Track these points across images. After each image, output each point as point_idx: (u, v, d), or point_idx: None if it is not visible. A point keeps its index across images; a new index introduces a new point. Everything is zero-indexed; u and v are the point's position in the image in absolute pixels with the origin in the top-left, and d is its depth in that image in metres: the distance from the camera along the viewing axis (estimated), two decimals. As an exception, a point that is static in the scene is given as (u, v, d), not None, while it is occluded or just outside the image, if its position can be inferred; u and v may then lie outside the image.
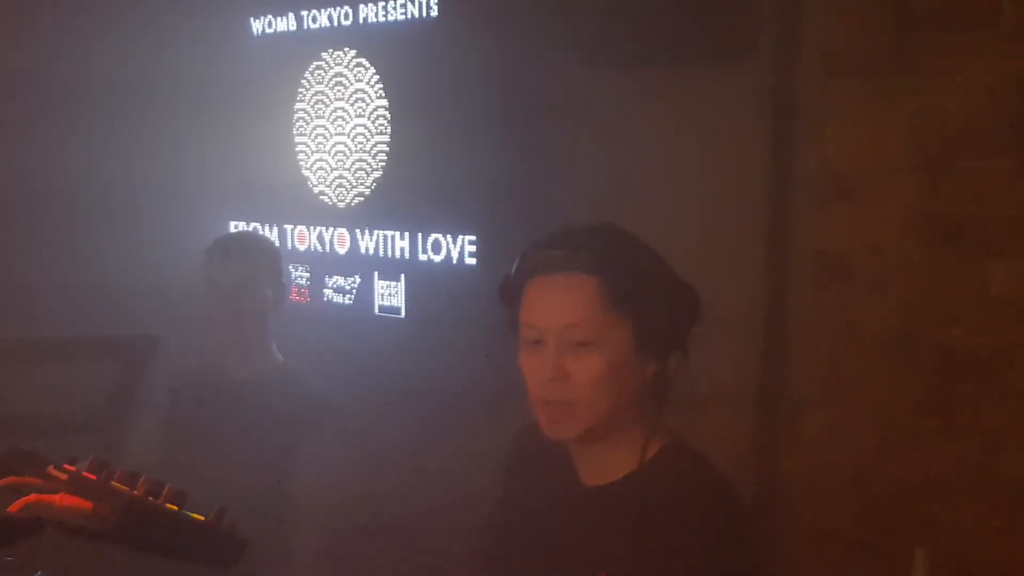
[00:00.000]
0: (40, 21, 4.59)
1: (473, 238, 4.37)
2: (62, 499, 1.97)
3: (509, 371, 2.40)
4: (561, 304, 2.32)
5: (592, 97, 4.15)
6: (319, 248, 4.98)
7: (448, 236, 4.46)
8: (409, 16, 4.56)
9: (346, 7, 4.82)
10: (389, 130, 4.67)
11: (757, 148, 3.78)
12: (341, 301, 4.89)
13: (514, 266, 2.42)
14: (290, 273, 4.94)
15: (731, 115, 3.83)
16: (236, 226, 5.15)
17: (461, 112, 4.34)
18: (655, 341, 2.31)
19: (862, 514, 3.48)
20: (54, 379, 3.81)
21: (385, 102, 4.69)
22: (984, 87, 3.37)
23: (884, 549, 3.40)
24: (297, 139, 5.06)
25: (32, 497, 1.95)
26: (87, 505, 1.96)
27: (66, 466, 2.07)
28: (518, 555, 2.50)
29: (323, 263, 4.97)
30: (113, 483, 2.00)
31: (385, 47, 4.69)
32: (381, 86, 4.71)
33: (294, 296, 4.95)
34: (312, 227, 5.01)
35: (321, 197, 4.97)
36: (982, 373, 3.38)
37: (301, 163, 5.05)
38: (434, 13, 4.46)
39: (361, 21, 4.77)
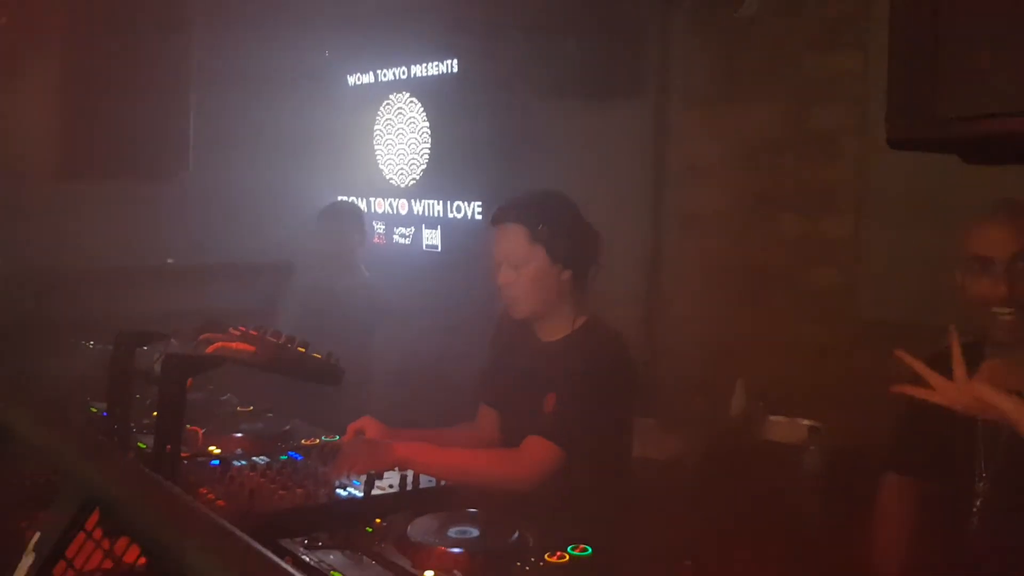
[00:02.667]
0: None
1: (480, 204, 4.39)
2: (237, 345, 2.03)
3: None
4: (504, 243, 2.39)
5: (548, 121, 4.17)
6: (390, 211, 5.00)
7: (466, 202, 4.48)
8: (441, 72, 4.57)
9: (403, 67, 4.83)
10: (430, 140, 4.69)
11: (646, 150, 3.82)
12: (404, 242, 4.91)
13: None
14: (373, 226, 4.98)
15: (630, 129, 3.87)
16: (341, 197, 5.18)
17: (473, 128, 4.35)
18: (562, 259, 2.37)
19: (705, 361, 3.54)
20: (234, 287, 3.85)
21: (427, 124, 4.70)
22: (780, 109, 3.41)
23: (718, 382, 3.45)
24: (376, 147, 5.07)
25: (219, 343, 2.01)
26: (252, 348, 2.02)
27: (241, 328, 2.13)
28: (503, 383, 2.56)
29: (393, 219, 4.98)
30: (267, 336, 2.06)
31: (427, 90, 4.70)
32: (425, 114, 4.72)
33: (376, 240, 4.99)
34: (385, 198, 5.03)
35: (391, 180, 4.98)
36: (777, 279, 3.44)
37: (379, 161, 5.06)
38: (455, 70, 4.48)
39: (413, 76, 4.78)
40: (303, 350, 2.03)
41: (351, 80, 5.22)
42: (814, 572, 2.56)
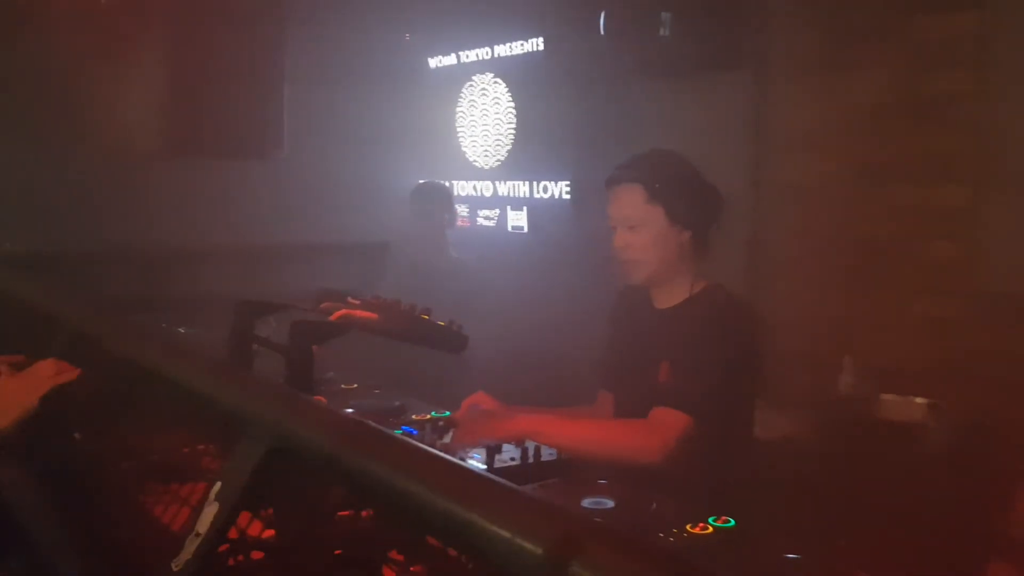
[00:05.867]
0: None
1: (568, 183, 4.33)
2: (361, 313, 1.99)
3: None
4: (619, 204, 2.33)
5: (639, 97, 4.09)
6: (474, 193, 4.95)
7: (553, 181, 4.42)
8: (526, 51, 4.51)
9: (487, 47, 4.77)
10: (515, 121, 4.63)
11: (747, 122, 3.72)
12: (489, 224, 4.87)
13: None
14: (457, 209, 4.93)
15: (735, 100, 3.76)
16: (427, 179, 5.16)
17: (558, 107, 4.29)
18: (682, 218, 2.29)
19: (813, 338, 3.39)
20: (330, 267, 3.85)
21: (512, 104, 4.64)
22: (881, 81, 3.29)
23: (828, 360, 3.32)
24: (458, 128, 5.02)
25: (344, 311, 1.98)
26: (375, 316, 1.98)
27: (359, 298, 2.09)
28: (618, 359, 2.49)
29: (477, 202, 4.93)
30: (389, 303, 2.02)
31: (512, 70, 4.64)
32: (510, 94, 4.66)
33: (461, 222, 4.93)
34: (469, 180, 4.98)
35: (475, 162, 4.94)
36: (885, 251, 3.31)
37: (461, 142, 5.01)
38: (541, 47, 4.42)
39: (496, 56, 4.72)
40: (427, 316, 1.98)
41: (432, 63, 5.18)
42: (943, 552, 2.45)
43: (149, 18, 3.29)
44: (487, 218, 4.87)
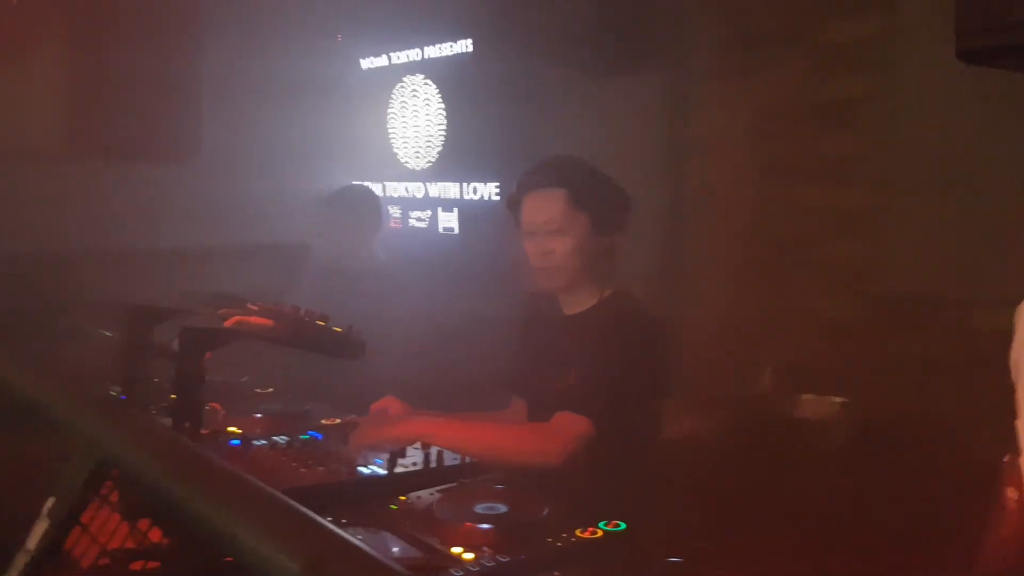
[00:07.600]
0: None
1: (497, 184, 4.32)
2: (256, 319, 1.97)
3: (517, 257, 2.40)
4: (541, 208, 2.30)
5: (564, 99, 4.09)
6: (405, 194, 4.92)
7: (482, 183, 4.41)
8: (455, 52, 4.49)
9: (417, 49, 4.75)
10: (445, 122, 4.61)
11: (663, 124, 3.73)
12: (420, 225, 4.84)
13: (515, 186, 2.41)
14: (388, 210, 4.90)
15: (648, 103, 3.78)
16: (355, 182, 5.11)
17: (488, 108, 4.27)
18: (605, 225, 2.30)
19: (727, 338, 3.40)
20: (249, 270, 3.80)
21: (443, 105, 4.62)
22: (789, 84, 3.31)
23: (741, 359, 3.35)
24: (390, 129, 4.99)
25: (238, 317, 1.96)
26: (270, 322, 1.97)
27: (259, 303, 2.07)
28: (527, 366, 2.50)
29: (408, 203, 4.90)
30: (286, 310, 2.00)
31: (442, 71, 4.62)
32: (440, 95, 4.64)
33: (392, 224, 4.91)
34: (401, 182, 4.95)
35: (406, 164, 4.90)
36: (788, 249, 3.32)
37: (393, 143, 4.97)
38: (470, 49, 4.40)
39: (427, 57, 4.70)
40: (323, 323, 1.97)
41: (364, 64, 5.14)
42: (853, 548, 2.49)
43: (65, 19, 3.24)
44: (419, 219, 4.85)
